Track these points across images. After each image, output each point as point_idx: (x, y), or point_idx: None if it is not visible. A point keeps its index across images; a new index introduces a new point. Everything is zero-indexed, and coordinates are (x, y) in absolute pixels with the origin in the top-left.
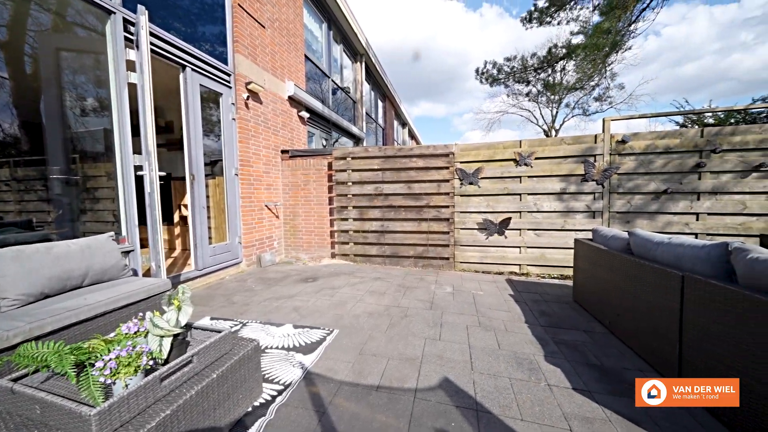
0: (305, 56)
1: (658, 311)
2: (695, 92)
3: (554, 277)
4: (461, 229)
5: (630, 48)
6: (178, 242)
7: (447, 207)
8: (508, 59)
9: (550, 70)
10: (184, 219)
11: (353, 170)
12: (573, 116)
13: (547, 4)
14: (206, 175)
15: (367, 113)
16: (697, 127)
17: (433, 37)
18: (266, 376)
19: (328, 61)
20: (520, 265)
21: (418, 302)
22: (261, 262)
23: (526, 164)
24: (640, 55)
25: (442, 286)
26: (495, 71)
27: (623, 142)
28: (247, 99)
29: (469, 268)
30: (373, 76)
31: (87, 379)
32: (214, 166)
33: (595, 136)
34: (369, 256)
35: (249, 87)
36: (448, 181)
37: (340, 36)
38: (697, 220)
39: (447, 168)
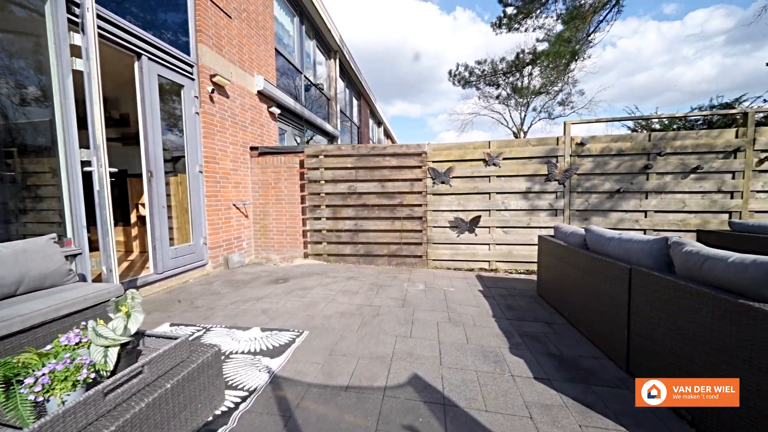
0: (276, 50)
1: (610, 302)
2: (647, 100)
3: (521, 273)
4: (434, 227)
5: (589, 57)
6: (135, 244)
7: (420, 206)
8: (479, 62)
9: (518, 75)
10: (142, 219)
11: (326, 168)
12: (540, 119)
13: (515, 12)
14: (167, 172)
15: (341, 111)
16: (645, 131)
17: (408, 37)
18: (230, 382)
19: (301, 57)
20: (489, 261)
21: (390, 300)
22: (229, 263)
23: (494, 164)
24: (599, 64)
25: (414, 284)
26: (467, 74)
27: (582, 144)
28: (212, 92)
29: (441, 266)
30: (347, 73)
31: (14, 398)
32: (176, 162)
33: (557, 138)
34: (342, 256)
35: (214, 80)
36: (420, 180)
37: (312, 31)
38: (646, 217)
39: (420, 167)
